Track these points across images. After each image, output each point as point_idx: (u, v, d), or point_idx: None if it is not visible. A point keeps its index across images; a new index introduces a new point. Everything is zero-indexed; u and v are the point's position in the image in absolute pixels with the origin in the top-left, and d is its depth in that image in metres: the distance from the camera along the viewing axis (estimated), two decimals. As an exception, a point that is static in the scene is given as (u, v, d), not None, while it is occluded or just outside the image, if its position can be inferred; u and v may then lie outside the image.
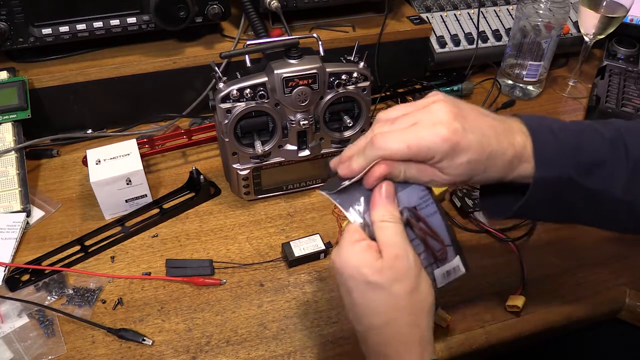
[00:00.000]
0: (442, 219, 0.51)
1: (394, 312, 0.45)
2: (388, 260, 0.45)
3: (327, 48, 0.76)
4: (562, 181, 0.48)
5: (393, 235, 0.46)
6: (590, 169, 0.49)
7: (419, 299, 0.46)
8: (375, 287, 0.45)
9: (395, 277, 0.45)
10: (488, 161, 0.47)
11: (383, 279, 0.45)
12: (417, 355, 0.46)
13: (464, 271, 0.54)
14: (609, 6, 0.94)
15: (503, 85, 1.06)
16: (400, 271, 0.45)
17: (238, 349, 0.62)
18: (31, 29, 0.83)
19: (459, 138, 0.45)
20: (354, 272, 0.45)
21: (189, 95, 0.94)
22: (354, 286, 0.46)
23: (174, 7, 0.84)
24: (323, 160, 0.80)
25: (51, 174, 0.87)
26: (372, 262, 0.45)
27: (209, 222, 0.78)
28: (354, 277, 0.45)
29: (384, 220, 0.47)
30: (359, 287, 0.45)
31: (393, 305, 0.45)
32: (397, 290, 0.45)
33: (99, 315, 0.66)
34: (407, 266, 0.45)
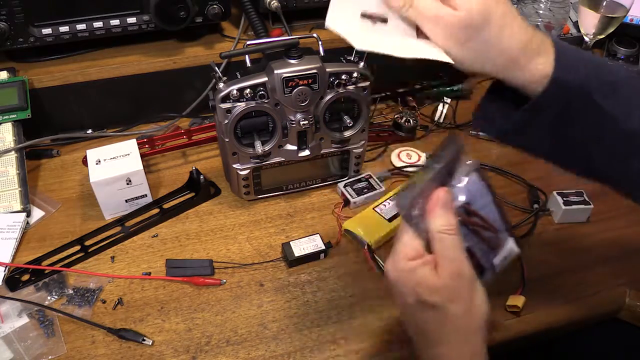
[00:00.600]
0: (496, 208, 0.50)
1: (451, 333, 0.45)
2: (444, 278, 0.44)
3: (327, 48, 0.76)
4: (580, 92, 0.45)
5: (451, 248, 0.44)
6: (610, 90, 0.45)
7: (472, 317, 0.45)
8: (427, 308, 0.44)
9: (450, 297, 0.44)
10: (506, 16, 0.44)
11: (439, 299, 0.44)
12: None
13: (518, 251, 0.52)
14: (609, 6, 0.94)
15: (503, 85, 1.06)
16: (455, 290, 0.44)
17: (238, 349, 0.62)
18: (31, 29, 0.83)
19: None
20: (405, 289, 0.45)
21: (189, 95, 0.94)
22: (413, 301, 0.45)
23: (174, 7, 0.84)
24: (323, 160, 0.80)
25: (51, 174, 0.87)
26: (429, 279, 0.44)
27: (209, 222, 0.78)
28: (412, 293, 0.44)
29: (442, 232, 0.45)
30: (418, 303, 0.45)
31: (450, 327, 0.45)
32: (452, 310, 0.44)
33: (99, 315, 0.66)
34: (462, 284, 0.44)
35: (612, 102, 0.45)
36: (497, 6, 0.44)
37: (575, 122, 0.47)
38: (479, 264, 0.50)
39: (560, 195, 0.78)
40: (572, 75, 0.45)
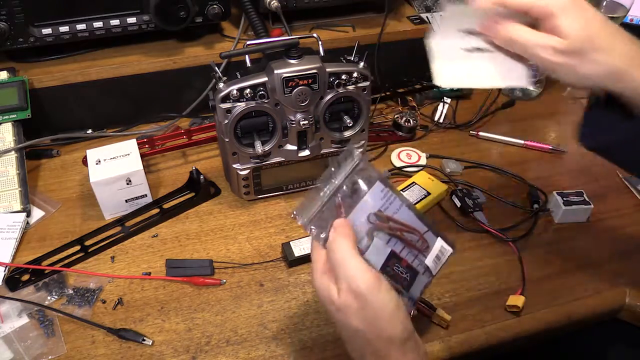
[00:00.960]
0: (409, 209, 0.51)
1: (365, 346, 0.47)
2: (342, 297, 0.46)
3: (327, 48, 0.76)
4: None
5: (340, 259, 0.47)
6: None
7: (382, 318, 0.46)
8: (341, 325, 0.47)
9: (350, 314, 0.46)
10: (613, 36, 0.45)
11: (342, 317, 0.47)
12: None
13: (452, 250, 0.54)
14: (609, 6, 0.94)
15: (503, 85, 1.06)
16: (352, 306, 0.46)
17: (238, 349, 0.62)
18: (31, 29, 0.83)
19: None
20: (326, 303, 0.48)
21: (189, 95, 0.94)
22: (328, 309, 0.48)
23: (174, 7, 0.84)
24: (323, 160, 0.80)
25: (51, 174, 0.87)
26: (332, 297, 0.47)
27: (209, 222, 0.78)
28: (325, 302, 0.48)
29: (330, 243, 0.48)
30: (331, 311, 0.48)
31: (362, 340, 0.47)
32: (358, 325, 0.46)
33: (99, 315, 0.66)
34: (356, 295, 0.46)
35: None
36: (600, 30, 0.45)
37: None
38: (411, 267, 0.52)
39: (560, 195, 0.78)
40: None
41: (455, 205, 0.80)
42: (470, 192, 0.81)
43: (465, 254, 0.73)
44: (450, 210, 0.80)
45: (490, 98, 1.01)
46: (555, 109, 1.04)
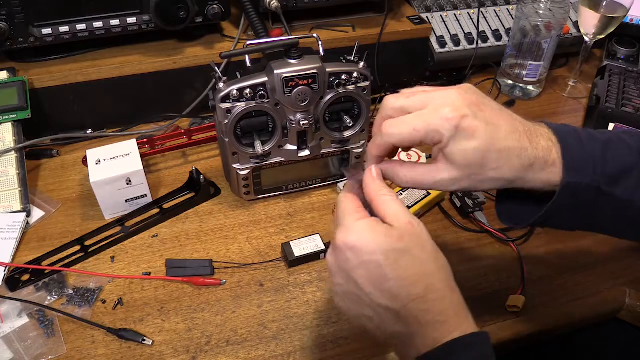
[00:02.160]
0: None
1: (429, 277, 0.44)
2: (403, 227, 0.44)
3: (327, 48, 0.76)
4: (590, 188, 0.48)
5: (397, 205, 0.45)
6: (618, 178, 0.48)
7: (443, 263, 0.45)
8: (403, 254, 0.43)
9: (416, 242, 0.44)
10: (501, 155, 0.46)
11: (408, 245, 0.43)
12: (464, 317, 0.45)
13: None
14: (609, 6, 0.94)
15: (503, 85, 1.06)
16: (419, 236, 0.44)
17: (238, 349, 0.62)
18: (31, 29, 0.83)
19: (464, 121, 0.45)
20: (374, 244, 0.43)
21: (189, 95, 0.94)
22: (382, 259, 0.43)
23: (174, 7, 0.84)
24: (323, 160, 0.80)
25: (51, 174, 0.87)
26: (391, 231, 0.44)
27: (209, 222, 0.78)
28: (376, 249, 0.43)
29: (384, 195, 0.46)
30: (389, 257, 0.43)
31: (425, 270, 0.44)
32: (423, 255, 0.44)
33: (99, 315, 0.66)
34: (421, 231, 0.45)
35: (623, 189, 0.48)
36: (490, 150, 0.46)
37: (593, 211, 0.50)
38: None
39: (560, 195, 0.78)
40: (580, 177, 0.47)
41: (455, 205, 0.80)
42: (470, 192, 0.81)
43: (465, 254, 0.73)
44: (450, 210, 0.80)
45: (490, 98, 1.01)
46: (555, 109, 1.04)
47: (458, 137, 0.45)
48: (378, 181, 0.48)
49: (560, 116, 1.02)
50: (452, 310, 0.44)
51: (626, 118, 0.93)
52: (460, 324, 0.44)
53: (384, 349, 0.63)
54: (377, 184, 0.48)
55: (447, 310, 0.44)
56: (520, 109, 1.03)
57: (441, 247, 0.74)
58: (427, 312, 0.43)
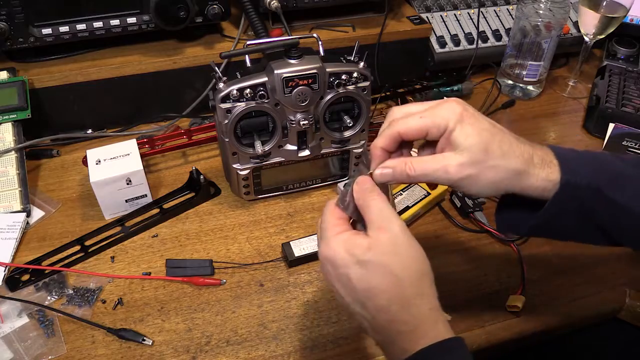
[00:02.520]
0: None
1: (395, 287, 0.44)
2: (374, 235, 0.45)
3: (327, 48, 0.76)
4: (590, 190, 0.48)
5: (377, 210, 0.46)
6: (616, 183, 0.49)
7: (415, 268, 0.45)
8: (368, 265, 0.44)
9: (384, 250, 0.45)
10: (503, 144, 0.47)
11: (374, 255, 0.44)
12: (431, 324, 0.45)
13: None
14: (609, 6, 0.94)
15: (503, 85, 1.06)
16: (386, 243, 0.45)
17: (238, 349, 0.62)
18: (31, 29, 0.83)
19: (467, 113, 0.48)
20: (345, 257, 0.45)
21: (189, 95, 0.94)
22: (350, 272, 0.45)
23: (174, 7, 0.84)
24: (323, 160, 0.80)
25: (51, 174, 0.87)
26: (361, 242, 0.45)
27: (209, 222, 0.78)
28: (346, 263, 0.45)
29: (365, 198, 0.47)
30: (354, 270, 0.45)
31: (392, 280, 0.44)
32: (390, 262, 0.44)
33: (99, 315, 0.66)
34: (393, 237, 0.45)
35: (621, 193, 0.49)
36: (493, 137, 0.48)
37: (591, 216, 0.50)
38: None
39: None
40: (579, 177, 0.48)
41: (455, 205, 0.80)
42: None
43: (465, 254, 0.73)
44: (450, 210, 0.80)
45: (490, 98, 1.02)
46: (555, 109, 1.04)
47: (462, 124, 0.47)
48: (367, 185, 0.48)
49: (560, 116, 1.02)
50: (417, 319, 0.45)
51: (626, 118, 0.93)
52: (426, 333, 0.44)
53: (384, 349, 0.63)
54: (364, 188, 0.48)
55: (412, 319, 0.45)
56: (520, 109, 1.03)
57: (441, 247, 0.74)
58: (392, 322, 0.45)
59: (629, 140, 0.90)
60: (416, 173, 0.49)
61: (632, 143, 0.90)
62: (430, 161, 0.49)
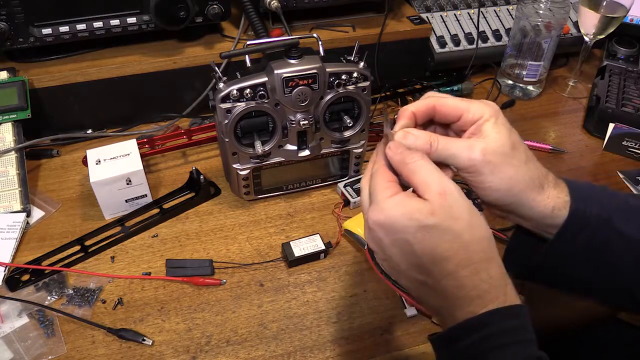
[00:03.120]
0: None
1: (463, 251, 0.43)
2: (435, 200, 0.43)
3: (327, 48, 0.76)
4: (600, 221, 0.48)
5: (428, 173, 0.44)
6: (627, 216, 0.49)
7: (480, 232, 0.44)
8: (434, 230, 0.42)
9: (449, 214, 0.43)
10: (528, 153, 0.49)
11: (440, 219, 0.42)
12: (501, 288, 0.44)
13: None
14: (609, 6, 0.94)
15: (503, 85, 1.06)
16: (451, 207, 0.43)
17: (238, 349, 0.62)
18: (31, 29, 0.83)
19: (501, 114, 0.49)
20: (406, 222, 0.43)
21: (189, 95, 0.94)
22: (411, 237, 0.42)
23: (174, 7, 0.84)
24: (323, 160, 0.80)
25: (51, 174, 0.87)
26: (421, 206, 0.43)
27: (209, 222, 0.78)
28: (407, 228, 0.42)
29: (408, 163, 0.45)
30: (417, 235, 0.42)
31: (460, 244, 0.43)
32: (456, 227, 0.42)
33: (99, 315, 0.66)
34: (455, 200, 0.43)
35: (633, 226, 0.49)
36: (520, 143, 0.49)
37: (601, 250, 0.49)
38: None
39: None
40: (589, 206, 0.48)
41: (455, 205, 0.80)
42: (470, 192, 0.80)
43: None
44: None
45: (490, 98, 1.02)
46: (555, 109, 1.04)
47: (497, 119, 0.48)
48: (402, 148, 0.46)
49: (560, 116, 1.02)
50: (487, 283, 0.43)
51: (626, 118, 0.93)
52: (495, 297, 0.43)
53: (384, 348, 0.63)
54: (402, 152, 0.46)
55: (481, 284, 0.43)
56: (520, 109, 1.03)
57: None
58: (460, 287, 0.43)
59: (629, 140, 0.90)
60: (440, 146, 0.47)
61: (632, 143, 0.90)
62: (456, 140, 0.48)
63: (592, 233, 0.49)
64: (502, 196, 0.49)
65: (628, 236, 0.48)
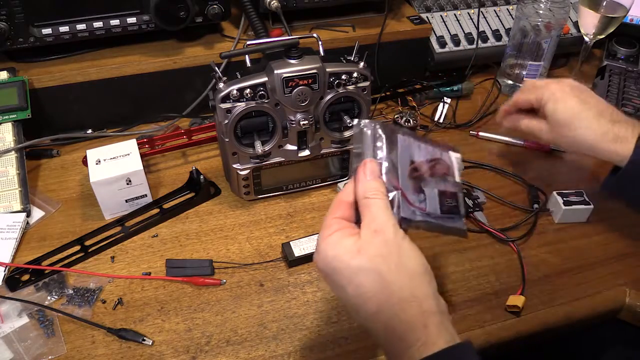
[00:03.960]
0: (425, 143, 0.53)
1: (383, 291, 0.43)
2: (366, 237, 0.44)
3: (327, 48, 0.76)
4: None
5: (376, 210, 0.46)
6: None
7: (406, 269, 0.44)
8: (360, 270, 0.43)
9: (375, 252, 0.43)
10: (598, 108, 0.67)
11: (364, 259, 0.43)
12: (420, 329, 0.43)
13: (459, 154, 0.56)
14: (609, 6, 0.94)
15: (503, 85, 1.06)
16: (378, 245, 0.44)
17: (238, 349, 0.62)
18: (31, 29, 0.83)
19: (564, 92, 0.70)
20: (336, 264, 0.44)
21: (189, 95, 0.94)
22: (341, 278, 0.44)
23: (174, 7, 0.84)
24: (323, 160, 0.80)
25: (51, 174, 0.87)
26: (350, 246, 0.44)
27: (209, 222, 0.78)
28: (338, 269, 0.44)
29: (367, 197, 0.47)
30: (345, 277, 0.44)
31: (381, 285, 0.43)
32: (381, 266, 0.43)
33: (99, 315, 0.66)
34: (385, 239, 0.44)
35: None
36: (580, 113, 0.67)
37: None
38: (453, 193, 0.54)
39: (560, 195, 0.78)
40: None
41: (455, 205, 0.80)
42: (470, 192, 0.81)
43: (465, 254, 0.73)
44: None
45: (490, 98, 1.02)
46: (555, 109, 1.04)
47: (555, 101, 0.69)
48: (368, 181, 0.47)
49: (560, 116, 1.02)
50: (406, 324, 0.43)
51: (626, 118, 0.92)
52: (416, 339, 0.43)
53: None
54: (365, 184, 0.47)
55: (400, 325, 0.43)
56: (520, 109, 1.03)
57: (441, 246, 0.74)
58: (385, 329, 0.44)
59: (629, 140, 0.90)
60: (524, 127, 0.76)
61: (632, 143, 0.90)
62: (536, 121, 0.74)
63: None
64: (579, 148, 0.69)
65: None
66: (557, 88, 0.69)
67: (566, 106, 0.68)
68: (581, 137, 0.67)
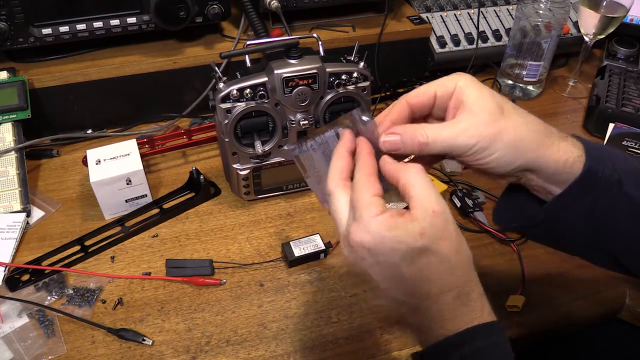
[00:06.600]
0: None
1: (448, 274, 0.42)
2: (425, 218, 0.41)
3: (327, 48, 0.76)
4: (611, 183, 0.46)
5: (422, 186, 0.42)
6: (638, 181, 0.47)
7: (465, 254, 0.43)
8: (422, 253, 0.41)
9: (438, 234, 0.41)
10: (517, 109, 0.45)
11: (428, 241, 0.41)
12: (478, 310, 0.43)
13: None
14: (609, 6, 0.94)
15: (503, 85, 1.06)
16: (441, 227, 0.42)
17: (238, 349, 0.62)
18: (31, 29, 0.83)
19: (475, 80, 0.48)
20: (394, 245, 0.41)
21: (189, 95, 0.94)
22: (398, 260, 0.41)
23: (174, 7, 0.84)
24: (323, 160, 0.80)
25: (51, 174, 0.87)
26: (410, 227, 0.41)
27: (209, 222, 0.78)
28: (395, 251, 0.41)
29: (408, 172, 0.43)
30: (405, 258, 0.41)
31: (445, 268, 0.42)
32: (444, 250, 0.42)
33: (99, 315, 0.66)
34: (445, 221, 0.42)
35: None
36: (504, 101, 0.46)
37: (608, 213, 0.47)
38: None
39: (560, 195, 0.78)
40: (602, 166, 0.46)
41: (455, 205, 0.80)
42: (470, 192, 0.81)
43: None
44: (450, 210, 0.80)
45: (490, 98, 1.01)
46: (555, 109, 1.04)
47: (473, 84, 0.46)
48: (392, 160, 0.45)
49: (561, 116, 1.02)
50: (467, 306, 0.43)
51: (626, 118, 0.93)
52: (473, 318, 0.43)
53: (384, 348, 0.63)
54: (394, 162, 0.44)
55: (461, 307, 0.43)
56: (520, 109, 1.03)
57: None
58: (441, 310, 0.43)
59: (629, 140, 0.90)
60: (430, 139, 0.44)
61: (632, 143, 0.90)
62: (446, 127, 0.45)
63: (601, 193, 0.46)
64: (511, 161, 0.45)
65: (637, 201, 0.46)
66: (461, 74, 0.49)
67: (491, 92, 0.47)
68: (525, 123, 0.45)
